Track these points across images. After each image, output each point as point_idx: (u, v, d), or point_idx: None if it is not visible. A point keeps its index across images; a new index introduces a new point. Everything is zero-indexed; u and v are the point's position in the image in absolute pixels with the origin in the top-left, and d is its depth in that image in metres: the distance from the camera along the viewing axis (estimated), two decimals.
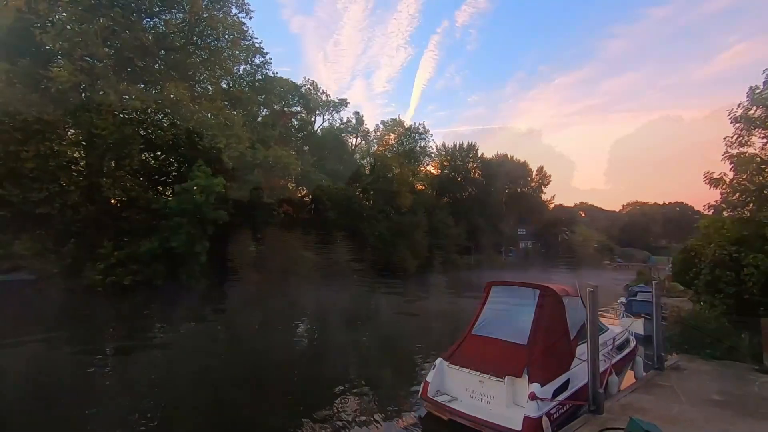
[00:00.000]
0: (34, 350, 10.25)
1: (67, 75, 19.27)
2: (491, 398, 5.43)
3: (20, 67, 19.49)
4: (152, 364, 9.49)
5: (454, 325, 14.77)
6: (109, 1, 21.59)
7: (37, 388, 7.34)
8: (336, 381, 8.08)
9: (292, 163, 27.55)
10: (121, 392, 7.44)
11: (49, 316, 15.35)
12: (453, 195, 60.98)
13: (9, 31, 19.87)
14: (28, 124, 19.03)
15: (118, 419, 6.17)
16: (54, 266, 19.00)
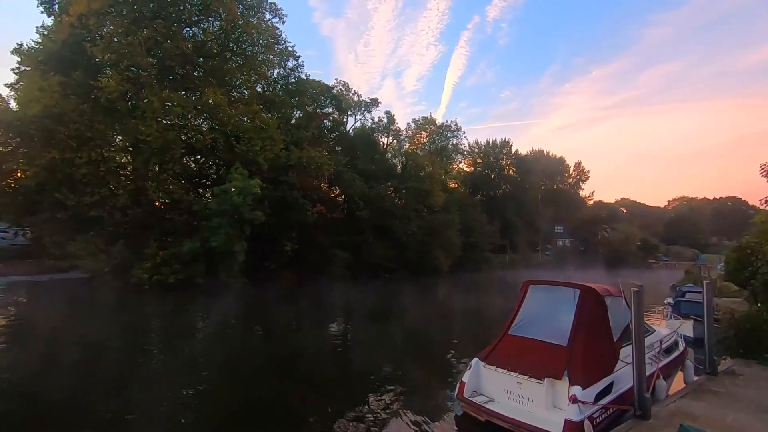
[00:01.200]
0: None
1: (115, 85, 20.36)
2: (530, 400, 5.31)
3: (73, 79, 20.79)
4: (203, 354, 9.91)
5: (487, 324, 14.56)
6: (151, 12, 22.66)
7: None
8: (370, 377, 8.16)
9: (325, 163, 27.89)
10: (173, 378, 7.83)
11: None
12: (486, 192, 60.01)
13: (63, 45, 21.28)
14: (81, 133, 20.32)
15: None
16: (105, 265, 20.18)
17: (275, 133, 25.35)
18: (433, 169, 40.16)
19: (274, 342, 12.17)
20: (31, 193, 20.58)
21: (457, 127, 47.83)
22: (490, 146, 63.17)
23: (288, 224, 26.10)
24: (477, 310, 18.73)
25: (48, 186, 20.14)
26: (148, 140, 21.14)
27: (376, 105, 41.24)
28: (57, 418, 6.18)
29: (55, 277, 23.49)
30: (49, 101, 19.46)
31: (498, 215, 51.98)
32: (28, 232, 24.15)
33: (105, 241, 20.53)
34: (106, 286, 19.88)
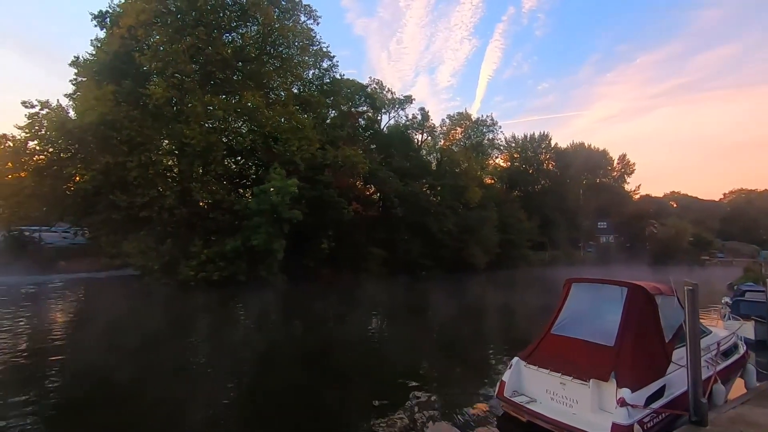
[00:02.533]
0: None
1: (161, 91, 21.39)
2: (574, 402, 5.15)
3: (124, 88, 22.04)
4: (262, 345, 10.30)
5: (525, 323, 14.25)
6: (194, 21, 23.63)
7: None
8: (407, 374, 8.17)
9: (360, 161, 28.12)
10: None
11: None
12: (524, 188, 58.47)
13: (115, 56, 22.61)
14: (132, 138, 21.52)
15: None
16: (155, 263, 21.28)
17: (311, 133, 25.81)
18: (468, 165, 39.60)
19: (311, 337, 12.44)
20: (89, 195, 22.01)
21: (493, 121, 46.89)
22: (528, 140, 61.48)
23: (325, 222, 26.54)
24: (514, 308, 18.34)
25: (103, 188, 21.48)
26: (192, 143, 22.09)
27: (410, 102, 41.15)
28: (115, 397, 6.82)
29: (111, 274, 25.09)
30: (103, 109, 20.73)
31: (537, 211, 50.53)
32: (87, 232, 25.90)
33: (154, 239, 21.64)
34: (156, 282, 21.00)
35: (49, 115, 21.67)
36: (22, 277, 22.87)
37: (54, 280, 23.72)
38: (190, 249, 21.43)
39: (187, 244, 21.67)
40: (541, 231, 50.27)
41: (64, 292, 20.54)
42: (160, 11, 22.72)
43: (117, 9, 24.48)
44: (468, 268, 34.48)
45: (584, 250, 59.37)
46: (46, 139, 22.07)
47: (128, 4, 23.08)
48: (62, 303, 18.10)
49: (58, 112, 22.08)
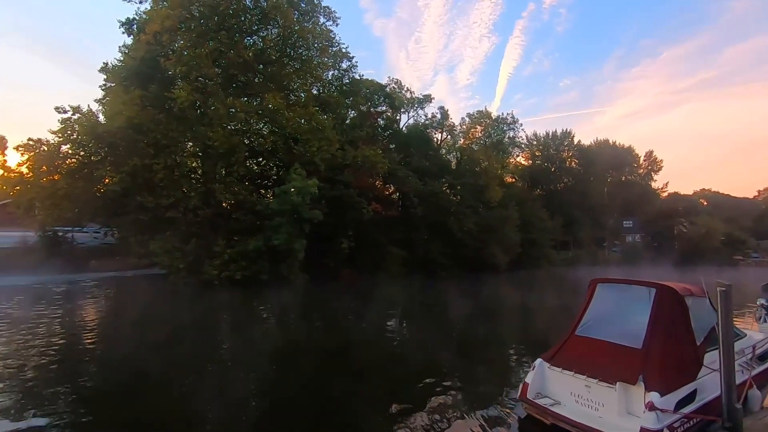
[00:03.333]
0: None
1: (186, 95, 21.91)
2: (600, 405, 5.02)
3: (151, 92, 22.68)
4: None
5: (547, 323, 13.99)
6: (216, 25, 24.12)
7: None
8: (427, 374, 8.13)
9: (380, 161, 28.18)
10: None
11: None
12: (546, 186, 57.45)
13: (141, 62, 23.28)
14: (158, 141, 22.14)
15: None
16: (180, 262, 21.83)
17: (331, 133, 26.01)
18: (489, 163, 39.16)
19: (331, 334, 12.55)
20: (118, 197, 22.76)
21: (513, 119, 46.18)
22: (550, 138, 60.29)
23: (345, 222, 26.71)
24: (536, 308, 18.04)
25: (131, 190, 22.17)
26: (215, 145, 22.58)
27: (429, 101, 40.96)
28: (145, 387, 7.23)
29: (138, 273, 25.94)
30: (131, 113, 21.39)
31: (559, 210, 49.57)
32: (116, 233, 26.82)
33: (180, 239, 22.21)
34: (181, 281, 21.55)
35: (81, 120, 22.49)
36: (56, 276, 23.85)
37: (85, 278, 24.67)
38: (213, 249, 21.90)
39: (210, 243, 22.16)
40: (564, 230, 49.30)
41: (95, 290, 21.36)
42: (184, 17, 23.27)
43: (143, 16, 25.20)
44: (489, 268, 34.11)
45: (609, 249, 57.89)
46: (77, 143, 22.93)
47: (154, 11, 23.72)
48: (94, 300, 18.83)
49: (89, 117, 22.88)
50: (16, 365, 8.24)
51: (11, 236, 28.65)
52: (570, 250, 52.38)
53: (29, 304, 16.01)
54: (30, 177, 23.04)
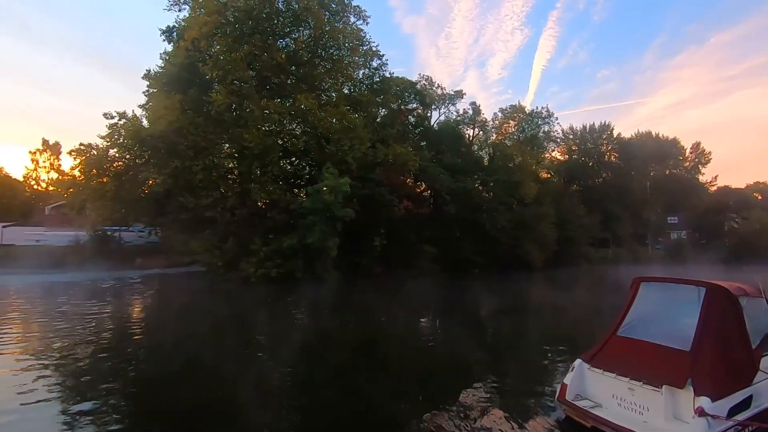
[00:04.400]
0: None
1: (222, 98, 22.64)
2: (644, 409, 4.82)
3: (190, 97, 23.59)
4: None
5: (586, 323, 13.53)
6: (250, 29, 24.77)
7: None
8: (461, 372, 8.07)
9: (411, 159, 28.09)
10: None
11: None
12: (584, 182, 55.61)
13: (181, 67, 24.23)
14: (197, 143, 22.99)
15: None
16: (219, 260, 22.63)
17: (362, 132, 26.16)
18: (523, 159, 38.23)
19: (362, 331, 12.68)
20: (160, 197, 23.82)
21: (548, 113, 44.73)
22: (587, 131, 58.24)
23: (377, 220, 26.82)
24: (573, 308, 17.47)
25: (173, 191, 23.14)
26: (251, 146, 23.21)
27: (460, 97, 40.35)
28: (184, 376, 7.66)
29: (180, 270, 27.10)
30: (172, 117, 22.32)
31: (598, 206, 47.79)
32: (159, 232, 28.15)
33: (218, 238, 23.00)
34: (220, 278, 22.34)
35: (126, 125, 23.68)
36: (105, 273, 25.30)
37: (132, 275, 26.02)
38: (250, 247, 22.53)
39: (247, 242, 22.81)
40: (603, 227, 47.50)
41: (140, 286, 22.55)
42: (220, 23, 24.01)
43: (182, 23, 26.20)
44: (523, 266, 33.34)
45: (652, 247, 55.31)
46: (123, 147, 24.16)
47: (192, 19, 24.62)
48: (140, 296, 19.95)
49: (134, 122, 24.05)
50: (70, 354, 8.88)
51: (66, 235, 30.69)
52: (609, 247, 50.37)
53: (82, 299, 17.09)
54: (81, 180, 24.56)
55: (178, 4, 26.72)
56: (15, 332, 11.20)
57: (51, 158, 54.96)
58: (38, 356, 8.62)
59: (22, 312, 14.45)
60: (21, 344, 9.85)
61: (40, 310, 14.70)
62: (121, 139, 23.84)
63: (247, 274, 21.82)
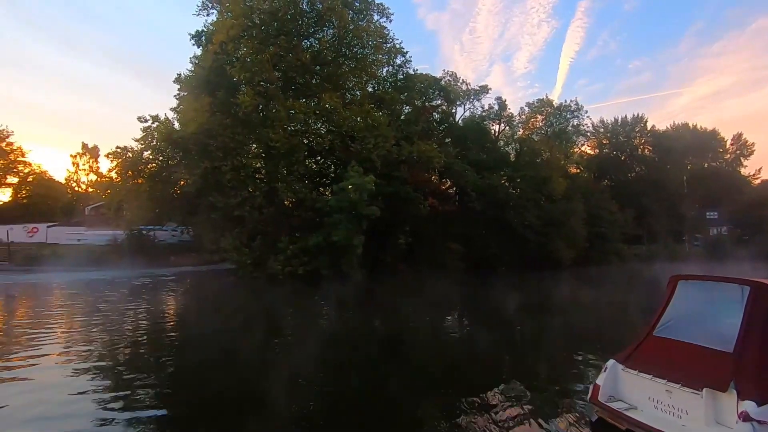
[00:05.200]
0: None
1: (249, 100, 23.12)
2: (683, 412, 4.62)
3: (218, 99, 24.19)
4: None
5: (618, 323, 13.15)
6: (275, 31, 25.16)
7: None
8: (489, 372, 7.97)
9: (436, 156, 27.90)
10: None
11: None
12: (616, 176, 53.79)
13: (209, 70, 24.87)
14: (226, 144, 23.58)
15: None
16: (247, 258, 23.20)
17: (386, 130, 26.17)
18: (551, 154, 37.40)
19: (388, 328, 12.73)
20: (192, 197, 24.60)
21: (577, 106, 43.44)
22: (619, 124, 56.22)
23: (402, 218, 26.81)
24: (605, 307, 16.97)
25: (203, 191, 23.84)
26: (277, 146, 23.63)
27: (485, 92, 39.71)
28: (215, 366, 7.95)
29: (211, 268, 27.94)
30: (202, 119, 22.97)
31: (631, 202, 46.12)
32: (191, 231, 29.07)
33: (247, 236, 23.57)
34: (249, 275, 22.91)
35: (159, 128, 24.53)
36: (141, 270, 26.38)
37: (166, 272, 27.03)
38: (277, 245, 22.97)
39: (274, 240, 23.27)
40: (637, 223, 45.82)
41: (173, 283, 23.38)
42: (247, 25, 24.51)
43: (211, 28, 26.88)
44: (552, 263, 32.60)
45: (690, 243, 52.99)
46: (156, 149, 25.08)
47: (220, 23, 25.22)
48: (173, 292, 20.68)
49: (166, 125, 24.89)
50: (111, 345, 9.39)
51: (104, 234, 32.16)
52: (644, 244, 48.59)
53: (120, 295, 17.90)
54: (118, 181, 25.68)
55: (207, 8, 27.46)
56: (60, 326, 11.84)
57: (90, 161, 57.80)
58: (81, 347, 9.16)
59: (66, 307, 15.26)
60: (65, 336, 10.40)
61: (81, 305, 15.49)
62: (155, 141, 24.72)
63: (274, 271, 22.26)
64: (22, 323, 12.27)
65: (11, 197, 53.08)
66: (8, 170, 52.34)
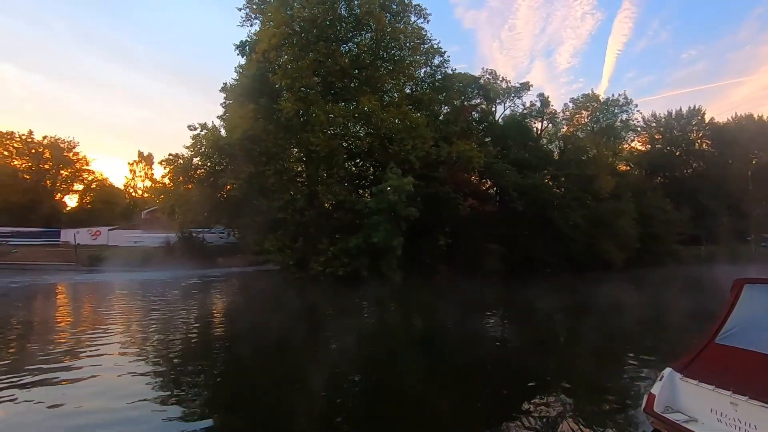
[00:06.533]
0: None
1: (291, 105, 23.77)
2: (751, 427, 4.27)
3: (261, 106, 25.06)
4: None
5: (673, 329, 12.34)
6: (315, 37, 25.74)
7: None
8: (534, 378, 7.69)
9: (475, 156, 27.45)
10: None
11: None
12: (670, 173, 50.75)
13: (253, 78, 25.84)
14: (269, 149, 24.40)
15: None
16: (290, 259, 23.88)
17: (425, 131, 26.07)
18: (597, 151, 35.78)
19: (428, 330, 12.67)
20: (237, 201, 25.68)
21: (626, 100, 41.25)
22: (674, 117, 52.97)
23: (441, 219, 26.59)
24: (657, 310, 16.00)
25: (248, 195, 24.80)
26: (317, 150, 24.16)
27: (527, 89, 38.59)
28: (260, 361, 8.33)
29: (256, 269, 29.00)
30: (246, 126, 23.89)
31: (687, 200, 43.36)
32: (237, 233, 30.30)
33: (289, 238, 24.25)
34: (292, 276, 23.55)
35: (207, 135, 25.77)
36: (192, 271, 27.80)
37: (214, 273, 28.35)
38: (318, 246, 23.46)
39: (316, 242, 23.78)
40: (694, 222, 42.95)
41: (221, 284, 24.48)
42: (287, 33, 25.21)
43: (254, 37, 27.90)
44: (600, 265, 31.14)
45: (756, 244, 48.90)
46: (205, 155, 26.36)
47: (262, 32, 26.13)
48: (221, 291, 21.70)
49: (213, 132, 26.11)
50: (163, 341, 10.01)
51: (158, 237, 34.18)
52: (702, 245, 45.42)
53: (172, 293, 18.96)
54: (170, 186, 27.25)
55: (250, 19, 28.49)
56: (120, 321, 12.70)
57: (146, 168, 61.68)
58: (139, 342, 9.89)
59: (126, 304, 16.37)
60: (125, 332, 11.16)
61: (139, 302, 16.57)
62: (203, 148, 25.99)
63: (316, 272, 22.77)
64: (86, 320, 13.32)
65: (77, 203, 57.92)
66: (75, 178, 57.22)
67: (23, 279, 24.32)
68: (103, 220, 47.28)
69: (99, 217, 49.13)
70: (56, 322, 13.02)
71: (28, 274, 27.10)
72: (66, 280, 25.19)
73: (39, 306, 16.81)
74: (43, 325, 12.44)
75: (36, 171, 52.42)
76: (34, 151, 51.92)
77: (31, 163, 52.03)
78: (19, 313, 14.62)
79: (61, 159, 53.98)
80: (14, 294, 19.36)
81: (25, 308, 15.85)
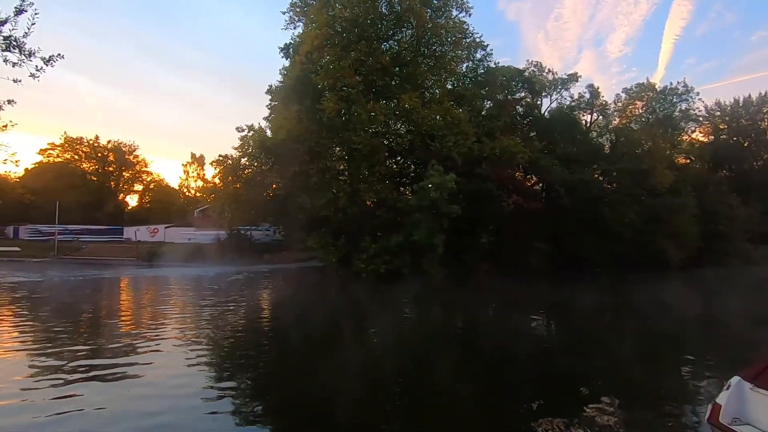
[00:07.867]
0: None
1: (333, 105, 24.16)
2: None
3: (305, 106, 25.64)
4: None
5: (737, 334, 11.40)
6: (356, 37, 25.97)
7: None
8: (585, 383, 7.41)
9: (520, 151, 26.67)
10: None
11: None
12: (737, 166, 46.80)
13: (296, 80, 26.47)
14: (312, 148, 24.95)
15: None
16: (333, 256, 24.35)
17: (467, 127, 25.66)
18: (653, 143, 33.60)
19: (471, 329, 12.55)
20: (282, 199, 26.46)
21: (686, 88, 38.40)
22: (741, 105, 48.71)
23: (483, 216, 26.09)
24: (721, 314, 14.87)
25: (292, 193, 25.49)
26: (359, 148, 24.44)
27: (575, 80, 36.77)
28: (308, 354, 8.32)
29: (301, 265, 29.84)
30: (290, 126, 24.54)
31: (757, 195, 39.78)
32: (282, 231, 31.29)
33: (332, 236, 24.70)
34: (335, 273, 24.02)
35: (254, 136, 26.70)
36: (240, 266, 29.05)
37: (261, 268, 29.52)
38: (360, 244, 23.74)
39: (358, 239, 24.08)
40: (765, 219, 39.31)
41: (266, 280, 25.50)
42: (329, 34, 25.61)
43: (297, 40, 28.60)
44: (657, 265, 29.26)
45: None
46: (252, 156, 27.33)
47: (305, 34, 26.73)
48: (268, 286, 22.69)
49: (260, 133, 27.02)
50: (215, 333, 10.62)
51: (210, 234, 36.02)
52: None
53: (224, 287, 19.97)
54: (220, 186, 28.53)
55: (294, 22, 29.25)
56: (176, 312, 13.55)
57: (198, 169, 65.00)
58: (193, 332, 10.64)
59: (181, 297, 17.43)
60: (181, 323, 11.91)
61: (193, 296, 17.61)
62: (250, 149, 26.97)
63: (358, 269, 23.06)
64: (146, 313, 14.31)
65: (137, 202, 62.39)
66: (135, 179, 61.67)
67: (92, 272, 26.53)
68: (161, 218, 50.47)
69: (157, 216, 52.54)
70: (121, 312, 14.18)
71: (96, 267, 29.52)
72: (129, 274, 27.20)
73: (107, 296, 18.40)
74: (110, 314, 13.61)
75: (102, 173, 57.12)
76: (100, 154, 56.62)
77: (98, 165, 56.78)
78: (101, 301, 16.24)
79: (123, 161, 58.48)
80: (88, 285, 21.28)
81: (103, 297, 17.76)
